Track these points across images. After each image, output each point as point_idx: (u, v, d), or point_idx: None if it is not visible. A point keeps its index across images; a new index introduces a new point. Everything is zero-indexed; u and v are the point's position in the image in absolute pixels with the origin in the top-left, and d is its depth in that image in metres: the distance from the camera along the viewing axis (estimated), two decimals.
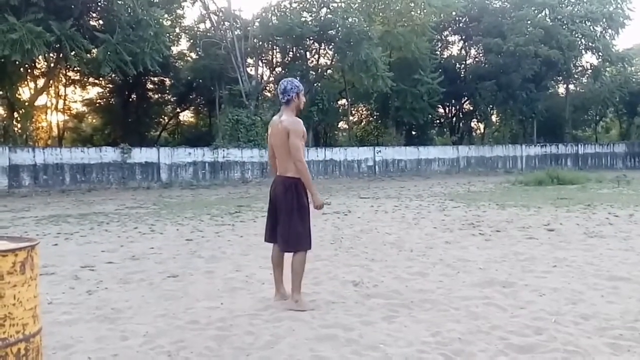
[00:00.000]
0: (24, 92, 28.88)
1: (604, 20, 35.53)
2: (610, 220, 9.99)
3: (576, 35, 35.55)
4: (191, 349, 3.79)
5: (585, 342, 3.79)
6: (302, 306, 4.77)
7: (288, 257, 4.95)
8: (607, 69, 39.78)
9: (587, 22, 35.43)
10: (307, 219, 4.95)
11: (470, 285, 5.46)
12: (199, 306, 4.87)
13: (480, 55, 39.19)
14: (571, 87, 41.37)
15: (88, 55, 23.77)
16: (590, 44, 36.40)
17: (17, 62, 21.92)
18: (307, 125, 31.84)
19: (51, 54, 24.90)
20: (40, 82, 28.68)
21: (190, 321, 4.43)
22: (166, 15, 28.90)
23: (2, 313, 2.66)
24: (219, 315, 4.57)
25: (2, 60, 20.77)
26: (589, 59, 39.30)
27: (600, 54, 36.84)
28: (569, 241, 7.90)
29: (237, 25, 30.46)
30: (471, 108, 41.10)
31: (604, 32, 36.56)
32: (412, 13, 32.62)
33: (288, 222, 4.83)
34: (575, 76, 40.98)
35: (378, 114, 39.59)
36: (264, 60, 33.43)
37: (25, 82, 28.42)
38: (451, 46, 41.70)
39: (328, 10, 31.17)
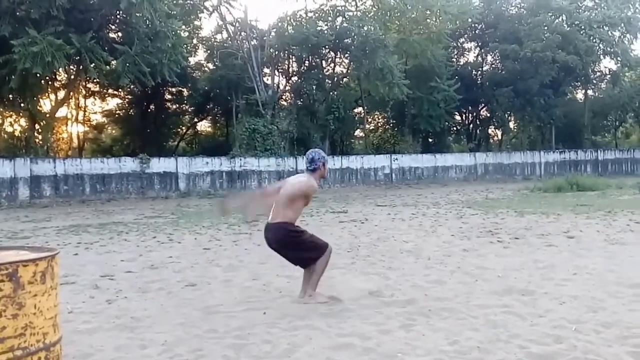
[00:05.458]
0: (45, 104, 29.27)
1: (622, 25, 35.09)
2: (632, 227, 9.84)
3: (594, 40, 35.16)
4: (209, 358, 3.81)
5: (606, 350, 3.73)
6: (316, 299, 5.08)
7: None
8: (626, 73, 39.31)
9: (605, 27, 35.02)
10: (306, 235, 5.21)
11: (488, 293, 5.41)
12: (217, 315, 4.89)
13: (497, 61, 38.92)
14: (590, 92, 40.90)
15: (107, 67, 24.05)
16: (608, 49, 35.97)
17: (38, 75, 22.26)
18: (324, 134, 31.97)
19: (71, 66, 25.23)
20: (61, 94, 29.09)
21: (208, 330, 4.45)
22: (183, 27, 29.16)
23: (23, 322, 2.70)
24: (236, 324, 4.59)
25: (24, 73, 21.11)
26: (607, 64, 38.92)
27: (618, 58, 36.38)
28: (589, 248, 7.80)
29: (254, 35, 30.67)
30: (488, 115, 40.81)
31: (622, 36, 36.10)
32: (428, 21, 32.59)
33: (295, 253, 5.16)
34: (594, 81, 40.55)
35: (394, 121, 39.50)
36: (280, 70, 33.58)
37: (46, 94, 28.79)
38: (467, 53, 41.53)
39: (343, 19, 31.27)
